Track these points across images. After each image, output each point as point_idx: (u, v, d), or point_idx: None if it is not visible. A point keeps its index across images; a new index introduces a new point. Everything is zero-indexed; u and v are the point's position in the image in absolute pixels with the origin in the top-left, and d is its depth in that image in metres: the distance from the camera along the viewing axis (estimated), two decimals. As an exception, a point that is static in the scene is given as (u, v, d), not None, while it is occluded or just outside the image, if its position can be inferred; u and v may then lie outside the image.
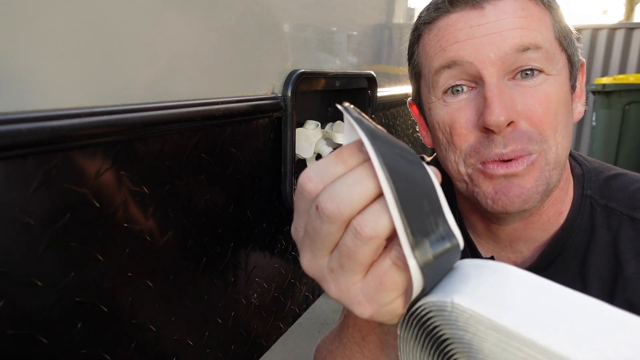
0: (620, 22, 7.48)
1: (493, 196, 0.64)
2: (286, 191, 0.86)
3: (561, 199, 0.73)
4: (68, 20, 0.46)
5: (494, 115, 0.59)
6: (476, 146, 0.65)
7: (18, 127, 0.41)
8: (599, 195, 0.73)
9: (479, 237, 0.81)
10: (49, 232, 0.46)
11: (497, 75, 0.62)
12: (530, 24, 0.62)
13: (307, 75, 0.86)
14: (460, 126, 0.65)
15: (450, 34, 0.64)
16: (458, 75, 0.65)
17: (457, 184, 0.71)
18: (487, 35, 0.61)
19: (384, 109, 1.36)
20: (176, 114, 0.59)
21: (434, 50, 0.67)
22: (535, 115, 0.62)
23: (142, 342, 0.60)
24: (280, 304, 0.94)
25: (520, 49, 0.61)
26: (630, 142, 4.72)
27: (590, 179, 0.75)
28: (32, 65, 0.43)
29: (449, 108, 0.67)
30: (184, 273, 0.66)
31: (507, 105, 0.60)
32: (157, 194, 0.59)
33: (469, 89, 0.65)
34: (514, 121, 0.62)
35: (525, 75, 0.63)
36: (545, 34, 0.63)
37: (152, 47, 0.56)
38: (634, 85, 4.60)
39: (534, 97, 0.62)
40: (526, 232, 0.74)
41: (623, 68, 6.03)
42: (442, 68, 0.65)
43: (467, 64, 0.62)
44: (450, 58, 0.64)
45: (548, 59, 0.63)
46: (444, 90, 0.67)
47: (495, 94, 0.60)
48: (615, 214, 0.70)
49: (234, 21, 0.70)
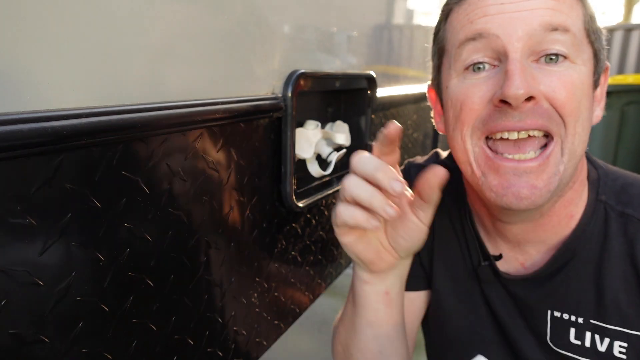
0: (618, 23, 7.49)
1: (499, 191, 0.62)
2: (286, 191, 0.86)
3: (574, 201, 0.70)
4: (68, 20, 0.46)
5: (514, 87, 0.57)
6: (485, 119, 0.62)
7: (18, 127, 0.41)
8: (614, 201, 0.70)
9: (488, 235, 0.79)
10: (50, 232, 0.46)
11: (521, 52, 0.60)
12: (562, 6, 0.61)
13: (307, 75, 0.86)
14: (472, 101, 0.63)
15: (480, 8, 0.62)
16: (482, 50, 0.63)
17: (463, 167, 0.68)
18: (517, 12, 0.60)
19: (384, 109, 1.36)
20: (176, 114, 0.59)
21: (461, 24, 0.65)
22: (558, 97, 0.60)
23: (137, 337, 0.60)
24: (280, 303, 0.94)
25: (549, 27, 0.59)
26: (629, 143, 4.72)
27: (606, 183, 0.72)
28: (32, 65, 0.44)
29: (465, 84, 0.64)
30: (184, 273, 0.66)
31: (528, 80, 0.58)
32: (157, 193, 0.59)
33: (491, 67, 0.63)
34: (536, 97, 0.59)
35: (550, 60, 0.61)
36: (575, 21, 0.62)
37: (152, 47, 0.56)
38: (633, 86, 4.60)
39: (559, 80, 0.60)
40: (535, 234, 0.72)
41: (622, 68, 6.04)
42: (467, 40, 0.63)
43: (493, 37, 0.61)
44: (477, 30, 0.62)
45: (575, 44, 0.61)
46: (466, 66, 0.65)
47: (518, 68, 0.58)
48: (632, 221, 0.67)
49: (235, 22, 0.70)
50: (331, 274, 1.17)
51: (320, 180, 1.03)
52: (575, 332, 0.71)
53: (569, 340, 0.71)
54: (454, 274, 0.84)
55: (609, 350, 0.68)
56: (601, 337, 0.69)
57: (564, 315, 0.72)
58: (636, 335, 0.66)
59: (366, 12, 1.22)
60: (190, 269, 0.67)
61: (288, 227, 0.93)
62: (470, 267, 0.81)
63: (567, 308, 0.71)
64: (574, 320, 0.71)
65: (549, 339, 0.73)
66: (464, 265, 0.83)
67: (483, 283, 0.79)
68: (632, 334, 0.66)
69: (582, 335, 0.70)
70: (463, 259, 0.83)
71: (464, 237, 0.82)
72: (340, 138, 1.05)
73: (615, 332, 0.68)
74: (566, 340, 0.72)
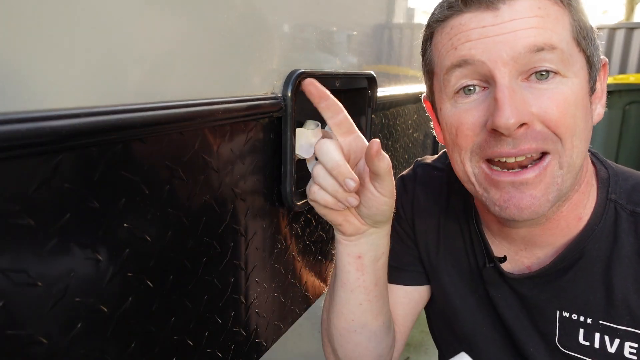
0: (620, 22, 7.47)
1: (501, 204, 0.63)
2: (286, 191, 0.85)
3: (582, 203, 0.70)
4: (68, 20, 0.46)
5: (504, 118, 0.57)
6: (482, 145, 0.63)
7: (16, 127, 0.41)
8: (625, 200, 0.69)
9: (494, 237, 0.79)
10: (49, 232, 0.46)
11: (509, 76, 0.59)
12: (546, 23, 0.59)
13: (307, 75, 0.86)
14: (466, 127, 0.64)
15: (463, 33, 0.62)
16: (469, 75, 0.63)
17: (466, 185, 0.69)
18: (500, 35, 0.59)
19: (384, 109, 1.36)
20: (176, 114, 0.59)
21: (445, 49, 0.65)
22: (551, 118, 0.60)
23: (137, 337, 0.60)
24: (280, 304, 0.94)
25: (534, 49, 0.58)
26: (631, 142, 4.71)
27: (617, 182, 0.71)
28: (32, 65, 0.43)
29: (457, 109, 0.65)
30: (183, 273, 0.66)
31: (518, 107, 0.58)
32: (157, 194, 0.59)
33: (481, 89, 0.63)
34: (527, 123, 0.59)
35: (540, 76, 0.60)
36: (562, 34, 0.60)
37: (152, 47, 0.56)
38: (634, 85, 4.59)
39: (550, 99, 0.60)
40: (542, 238, 0.72)
41: (623, 68, 6.03)
42: (454, 67, 0.63)
43: (478, 63, 0.61)
44: (462, 57, 0.62)
45: (564, 60, 0.60)
46: (456, 90, 0.65)
47: (507, 95, 0.58)
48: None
49: (234, 21, 0.70)
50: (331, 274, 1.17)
51: (320, 180, 1.02)
52: (584, 332, 0.70)
53: (577, 341, 0.71)
54: (459, 273, 0.84)
55: (619, 351, 0.67)
56: (611, 338, 0.68)
57: (573, 316, 0.71)
58: None
59: (366, 11, 1.22)
60: (190, 270, 0.67)
61: (288, 227, 0.93)
62: (475, 268, 0.81)
63: (576, 308, 0.70)
64: (583, 321, 0.70)
65: (557, 340, 0.72)
66: (468, 265, 0.83)
67: (488, 285, 0.79)
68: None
69: (591, 336, 0.70)
70: (468, 259, 0.83)
71: (470, 238, 0.82)
72: (340, 138, 1.05)
73: (625, 332, 0.67)
74: (575, 342, 0.71)
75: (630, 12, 12.16)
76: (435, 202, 0.88)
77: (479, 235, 0.80)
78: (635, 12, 12.21)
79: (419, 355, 2.60)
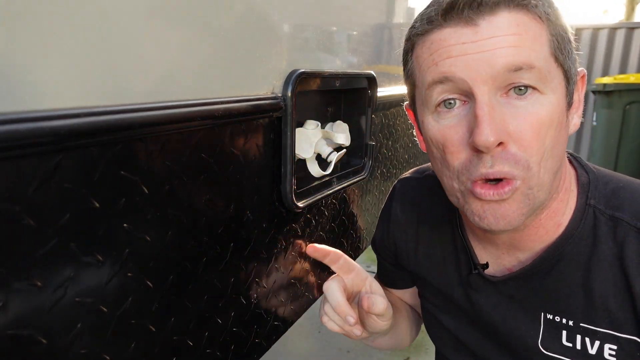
0: (620, 22, 7.47)
1: (480, 214, 0.66)
2: (286, 191, 0.85)
3: (560, 211, 0.72)
4: (68, 20, 0.46)
5: (484, 136, 0.59)
6: (467, 164, 0.65)
7: (15, 127, 0.41)
8: (604, 205, 0.70)
9: (478, 242, 0.81)
10: (49, 232, 0.46)
11: (488, 93, 0.61)
12: (524, 41, 0.60)
13: (307, 75, 0.86)
14: (452, 144, 0.66)
15: (443, 48, 0.63)
16: (450, 90, 0.64)
17: (450, 197, 0.72)
18: (479, 53, 0.60)
19: (384, 109, 1.36)
20: (176, 114, 0.59)
21: (426, 64, 0.66)
22: (525, 139, 0.62)
23: (137, 338, 0.60)
24: (280, 303, 0.94)
25: (513, 68, 0.60)
26: (631, 142, 4.71)
27: (597, 187, 0.72)
28: (32, 65, 0.43)
29: (441, 125, 0.67)
30: (183, 274, 0.66)
31: (497, 125, 0.60)
32: (157, 194, 0.59)
33: (461, 103, 0.65)
34: (504, 142, 0.61)
35: (519, 91, 0.62)
36: (540, 51, 0.62)
37: (151, 46, 0.56)
38: (635, 85, 4.59)
39: (525, 119, 0.62)
40: (523, 243, 0.74)
41: (624, 68, 6.03)
42: (435, 83, 0.65)
43: (459, 80, 0.62)
44: (443, 73, 0.64)
45: (542, 78, 0.62)
46: (437, 103, 0.67)
47: (486, 113, 0.60)
48: (622, 225, 0.68)
49: (234, 21, 0.70)
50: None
51: (320, 180, 1.02)
52: (567, 334, 0.72)
53: (561, 342, 0.72)
54: (442, 281, 0.88)
55: (600, 353, 0.69)
56: (591, 340, 0.69)
57: (556, 318, 0.73)
58: (626, 338, 0.67)
59: (366, 11, 1.22)
60: (190, 270, 0.67)
61: (288, 227, 0.93)
62: (457, 275, 0.85)
63: (559, 310, 0.72)
64: (565, 323, 0.72)
65: (541, 342, 0.74)
66: (452, 273, 0.86)
67: (473, 291, 0.82)
68: (622, 337, 0.67)
69: (573, 338, 0.71)
70: (451, 267, 0.86)
71: (454, 245, 0.85)
72: (340, 138, 1.05)
73: (605, 334, 0.68)
74: (558, 343, 0.73)
75: (630, 12, 12.16)
76: (414, 211, 0.94)
77: (464, 243, 0.82)
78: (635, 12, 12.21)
79: (419, 356, 2.60)
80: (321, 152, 1.02)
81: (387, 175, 1.46)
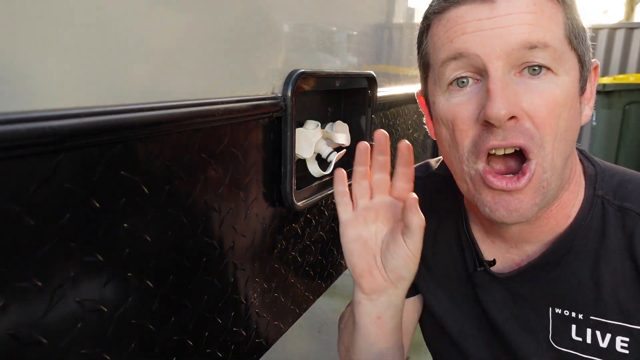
0: (620, 22, 7.48)
1: (491, 206, 0.65)
2: (286, 191, 0.85)
3: (570, 202, 0.71)
4: (68, 20, 0.46)
5: (495, 108, 0.58)
6: (476, 140, 0.64)
7: (16, 127, 0.41)
8: (612, 195, 0.70)
9: (485, 236, 0.80)
10: (49, 232, 0.46)
11: (502, 69, 0.61)
12: (540, 20, 0.60)
13: (307, 75, 0.86)
14: (461, 122, 0.64)
15: (459, 25, 0.63)
16: (464, 67, 0.64)
17: (460, 183, 0.71)
18: (495, 29, 0.60)
19: (384, 109, 1.36)
20: (176, 114, 0.59)
21: (441, 42, 0.66)
22: (539, 116, 0.61)
23: (137, 338, 0.60)
24: (280, 304, 0.94)
25: (528, 45, 0.60)
26: (631, 142, 4.71)
27: (604, 179, 0.73)
28: (32, 65, 0.43)
29: (452, 103, 0.66)
30: (183, 274, 0.66)
31: (510, 99, 0.60)
32: (157, 194, 0.59)
33: (474, 82, 0.65)
34: (517, 116, 0.61)
35: (533, 71, 0.61)
36: (556, 32, 0.62)
37: (151, 47, 0.56)
38: (634, 85, 4.59)
39: (540, 97, 0.61)
40: (532, 235, 0.73)
41: (623, 68, 6.02)
42: (449, 59, 0.64)
43: (473, 56, 0.62)
44: (457, 49, 0.63)
45: (556, 58, 0.61)
46: (449, 82, 0.66)
47: (499, 87, 0.59)
48: (630, 215, 0.68)
49: (234, 21, 0.70)
50: (331, 274, 1.17)
51: (320, 180, 1.02)
52: (576, 328, 0.71)
53: (570, 337, 0.72)
54: (446, 281, 0.86)
55: (611, 346, 0.68)
56: (602, 333, 0.69)
57: (565, 312, 0.72)
58: (638, 330, 0.66)
59: (366, 11, 1.22)
60: (190, 270, 0.67)
61: (288, 227, 0.93)
62: (465, 273, 0.83)
63: (567, 304, 0.72)
64: (575, 317, 0.71)
65: (551, 337, 0.73)
66: (457, 271, 0.84)
67: (479, 288, 0.80)
68: (634, 328, 0.66)
69: (583, 332, 0.71)
70: (456, 265, 0.84)
71: (459, 244, 0.84)
72: (340, 138, 1.05)
73: (616, 327, 0.68)
74: (568, 338, 0.72)
75: (630, 12, 12.16)
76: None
77: (469, 239, 0.81)
78: (635, 12, 12.21)
79: (419, 356, 2.60)
80: (321, 152, 1.02)
81: (387, 175, 1.46)
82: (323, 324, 2.74)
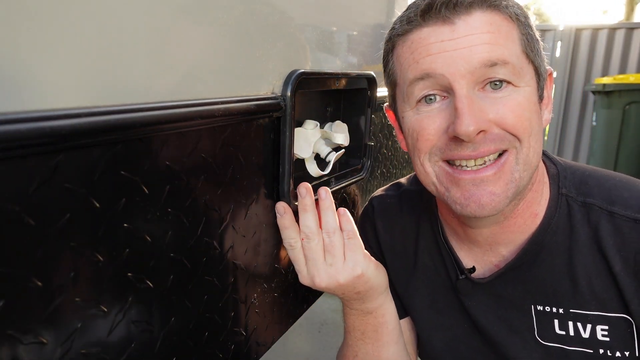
0: (620, 22, 7.47)
1: (462, 202, 0.67)
2: (284, 190, 0.86)
3: (536, 200, 0.74)
4: (68, 20, 0.46)
5: (464, 125, 0.62)
6: (442, 148, 0.68)
7: (16, 127, 0.41)
8: (575, 192, 0.74)
9: (462, 243, 0.83)
10: (49, 232, 0.46)
11: (467, 87, 0.64)
12: (498, 39, 0.64)
13: (307, 75, 0.86)
14: (427, 132, 0.68)
15: (423, 47, 0.67)
16: (431, 86, 0.67)
17: (429, 186, 0.74)
18: (457, 50, 0.64)
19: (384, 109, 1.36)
20: (176, 113, 0.59)
21: (407, 62, 0.70)
22: (508, 122, 0.64)
23: (136, 338, 0.60)
24: (280, 304, 0.94)
25: (489, 63, 0.63)
26: (631, 142, 4.72)
27: (566, 177, 0.76)
28: (32, 65, 0.43)
29: (420, 116, 0.70)
30: (183, 274, 0.66)
31: (477, 115, 0.63)
32: (157, 194, 0.59)
33: (441, 99, 0.68)
34: (485, 129, 0.64)
35: (495, 85, 0.65)
36: (513, 49, 0.66)
37: (151, 47, 0.56)
38: (634, 85, 4.60)
39: (505, 106, 0.65)
40: (504, 236, 0.76)
41: (623, 68, 6.03)
42: (416, 79, 0.68)
43: (439, 76, 0.65)
44: (424, 70, 0.67)
45: (515, 73, 0.65)
46: (418, 99, 0.70)
47: (466, 105, 0.63)
48: (594, 210, 0.71)
49: (234, 21, 0.70)
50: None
51: (318, 180, 1.02)
52: (559, 322, 0.74)
53: (554, 331, 0.74)
54: (432, 292, 0.89)
55: (593, 335, 0.71)
56: (583, 324, 0.72)
57: (546, 308, 0.75)
58: (615, 317, 0.70)
59: (366, 11, 1.22)
60: (190, 270, 0.67)
61: (288, 227, 0.93)
62: (449, 282, 0.86)
63: (548, 300, 0.74)
64: (556, 312, 0.74)
65: (537, 333, 0.76)
66: (441, 281, 0.87)
67: (463, 296, 0.83)
68: (611, 316, 0.70)
69: (565, 325, 0.74)
70: (440, 276, 0.88)
71: (440, 254, 0.87)
72: (339, 138, 1.05)
73: (595, 317, 0.71)
74: (552, 332, 0.75)
75: (630, 12, 12.17)
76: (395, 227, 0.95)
77: (448, 249, 0.84)
78: (635, 12, 12.21)
79: (419, 355, 2.59)
80: (320, 152, 1.03)
81: (387, 175, 1.46)
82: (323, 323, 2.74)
